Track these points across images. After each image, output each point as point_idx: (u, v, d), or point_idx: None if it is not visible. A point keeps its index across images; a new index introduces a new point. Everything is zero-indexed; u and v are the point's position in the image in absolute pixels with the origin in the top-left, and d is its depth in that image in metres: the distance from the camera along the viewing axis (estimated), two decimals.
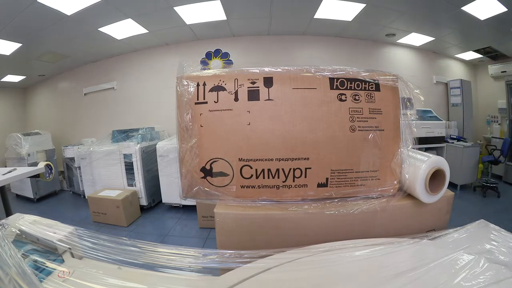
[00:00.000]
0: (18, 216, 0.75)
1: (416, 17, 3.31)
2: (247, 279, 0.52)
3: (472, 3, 2.84)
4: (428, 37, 4.04)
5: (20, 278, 0.40)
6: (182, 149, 0.72)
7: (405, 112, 0.77)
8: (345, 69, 0.74)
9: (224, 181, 0.72)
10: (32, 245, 0.65)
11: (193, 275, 0.59)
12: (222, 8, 3.05)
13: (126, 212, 3.04)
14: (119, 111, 4.57)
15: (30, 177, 2.09)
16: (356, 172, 0.73)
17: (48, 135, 4.49)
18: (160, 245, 0.62)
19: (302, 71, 0.72)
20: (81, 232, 0.67)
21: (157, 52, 4.29)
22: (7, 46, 3.32)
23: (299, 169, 0.71)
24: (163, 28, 3.54)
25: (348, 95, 0.71)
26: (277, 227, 0.71)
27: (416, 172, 0.71)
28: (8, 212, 1.92)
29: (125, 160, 3.41)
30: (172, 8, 2.93)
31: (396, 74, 0.76)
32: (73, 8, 2.66)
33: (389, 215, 0.73)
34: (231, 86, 0.70)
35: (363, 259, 0.57)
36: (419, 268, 0.51)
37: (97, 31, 3.31)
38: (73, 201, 4.17)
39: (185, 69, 0.75)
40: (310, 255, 0.58)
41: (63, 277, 0.56)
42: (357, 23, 3.55)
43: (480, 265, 0.50)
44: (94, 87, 4.68)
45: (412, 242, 0.62)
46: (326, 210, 0.70)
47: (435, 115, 4.23)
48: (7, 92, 5.10)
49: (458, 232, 0.65)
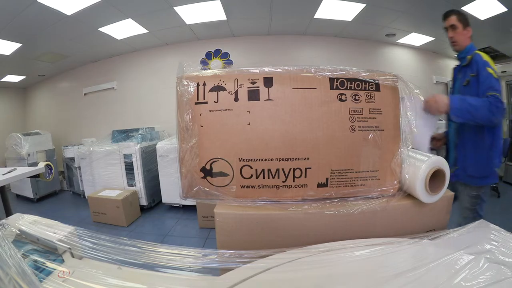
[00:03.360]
0: (18, 216, 0.75)
1: (416, 17, 3.31)
2: (247, 279, 0.52)
3: (472, 3, 2.84)
4: (428, 37, 4.03)
5: (20, 278, 0.40)
6: (182, 149, 0.72)
7: (405, 112, 0.77)
8: (345, 69, 0.74)
9: (224, 181, 0.72)
10: (32, 245, 0.65)
11: (193, 275, 0.59)
12: (222, 8, 3.05)
13: (126, 212, 3.04)
14: (119, 111, 4.57)
15: (30, 177, 2.09)
16: (356, 172, 0.73)
17: (48, 135, 4.49)
18: (160, 245, 0.62)
19: (302, 71, 0.72)
20: (81, 232, 0.67)
21: (157, 52, 4.28)
22: (7, 46, 3.32)
23: (299, 169, 0.71)
24: (163, 28, 3.54)
25: (348, 95, 0.71)
26: (277, 227, 0.71)
27: (416, 172, 0.71)
28: (8, 212, 1.92)
29: (125, 160, 3.41)
30: (172, 8, 2.93)
31: (396, 74, 0.76)
32: (73, 8, 2.66)
33: (389, 215, 0.73)
34: (231, 86, 0.70)
35: (363, 259, 0.57)
36: (419, 268, 0.51)
37: (97, 31, 3.31)
38: (73, 201, 4.17)
39: (185, 69, 0.75)
40: (310, 255, 0.58)
41: (63, 277, 0.56)
42: (357, 23, 3.55)
43: (480, 265, 0.50)
44: (94, 87, 4.68)
45: (412, 242, 0.62)
46: (326, 210, 0.70)
47: None
48: (7, 92, 5.10)
49: (458, 232, 0.65)
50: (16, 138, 4.05)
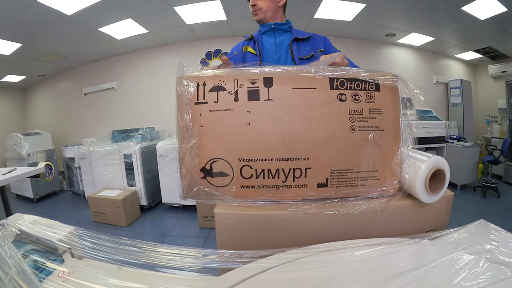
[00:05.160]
0: (18, 216, 0.75)
1: (416, 17, 3.31)
2: (247, 279, 0.52)
3: (472, 3, 2.85)
4: (428, 37, 4.04)
5: (20, 278, 0.40)
6: (182, 149, 0.72)
7: (405, 112, 0.77)
8: (345, 69, 0.74)
9: (224, 181, 0.72)
10: (32, 245, 0.65)
11: (193, 275, 0.59)
12: (222, 8, 3.05)
13: (126, 212, 3.04)
14: (119, 111, 4.57)
15: (30, 177, 2.09)
16: (356, 172, 0.73)
17: (48, 135, 4.49)
18: (160, 245, 0.62)
19: (302, 71, 0.72)
20: (81, 232, 0.67)
21: (157, 52, 4.29)
22: (7, 46, 3.32)
23: (299, 169, 0.71)
24: (163, 28, 3.54)
25: (348, 95, 0.71)
26: (277, 227, 0.71)
27: (416, 172, 0.71)
28: (8, 212, 1.92)
29: (125, 160, 3.42)
30: (172, 8, 2.93)
31: (396, 74, 0.76)
32: (73, 8, 2.66)
33: (389, 215, 0.73)
34: (231, 86, 0.70)
35: (363, 259, 0.57)
36: (419, 268, 0.51)
37: (97, 31, 3.31)
38: (73, 201, 4.17)
39: (185, 69, 0.75)
40: (310, 255, 0.58)
41: (63, 277, 0.56)
42: (357, 23, 3.56)
43: (480, 265, 0.50)
44: (94, 87, 4.68)
45: (412, 242, 0.62)
46: (326, 210, 0.70)
47: (435, 115, 4.23)
48: (7, 92, 5.10)
49: (458, 232, 0.65)
50: (16, 138, 4.05)
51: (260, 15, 1.23)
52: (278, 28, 1.26)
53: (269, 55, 1.24)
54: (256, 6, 1.22)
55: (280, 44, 1.25)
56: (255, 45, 1.26)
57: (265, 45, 1.26)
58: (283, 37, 1.26)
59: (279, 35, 1.26)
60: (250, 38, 1.29)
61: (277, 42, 1.25)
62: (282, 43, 1.25)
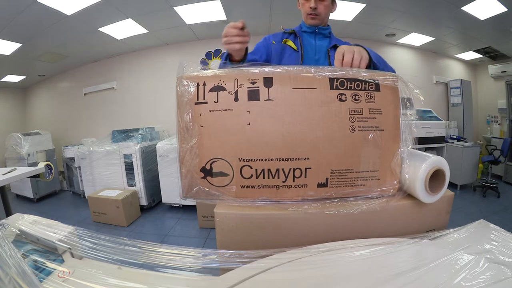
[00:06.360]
0: (18, 216, 0.75)
1: (416, 17, 3.32)
2: (247, 279, 0.52)
3: (472, 3, 2.85)
4: (428, 37, 4.04)
5: (20, 278, 0.40)
6: (182, 149, 0.72)
7: (405, 112, 0.77)
8: (345, 69, 0.74)
9: (224, 181, 0.72)
10: (32, 245, 0.65)
11: (193, 275, 0.59)
12: (222, 8, 3.05)
13: (126, 212, 3.04)
14: (119, 111, 4.58)
15: (30, 177, 2.09)
16: (356, 172, 0.73)
17: (48, 135, 4.49)
18: (160, 245, 0.62)
19: (302, 71, 0.72)
20: (81, 232, 0.67)
21: (157, 52, 4.29)
22: (7, 46, 3.32)
23: (299, 169, 0.71)
24: (163, 28, 3.54)
25: (348, 95, 0.71)
26: (277, 227, 0.71)
27: (416, 172, 0.71)
28: (8, 212, 1.92)
29: (125, 160, 3.42)
30: (172, 8, 2.94)
31: (396, 74, 0.76)
32: (73, 8, 2.66)
33: (389, 215, 0.73)
34: (231, 86, 0.70)
35: (363, 259, 0.57)
36: (419, 268, 0.51)
37: (97, 31, 3.31)
38: (73, 201, 4.17)
39: (185, 69, 0.75)
40: (310, 255, 0.58)
41: (63, 277, 0.56)
42: (357, 23, 3.56)
43: (480, 265, 0.50)
44: (94, 87, 4.68)
45: (412, 242, 0.62)
46: (326, 210, 0.70)
47: (435, 115, 4.23)
48: (7, 92, 5.10)
49: (458, 232, 0.65)
50: (16, 138, 4.05)
51: (318, 20, 1.21)
52: (320, 32, 1.26)
53: (309, 55, 1.23)
54: (316, 10, 1.18)
55: (320, 48, 1.25)
56: (297, 40, 1.23)
57: (306, 44, 1.24)
58: (322, 42, 1.26)
59: (319, 39, 1.26)
60: (291, 32, 1.26)
61: (317, 44, 1.25)
62: (321, 46, 1.25)
